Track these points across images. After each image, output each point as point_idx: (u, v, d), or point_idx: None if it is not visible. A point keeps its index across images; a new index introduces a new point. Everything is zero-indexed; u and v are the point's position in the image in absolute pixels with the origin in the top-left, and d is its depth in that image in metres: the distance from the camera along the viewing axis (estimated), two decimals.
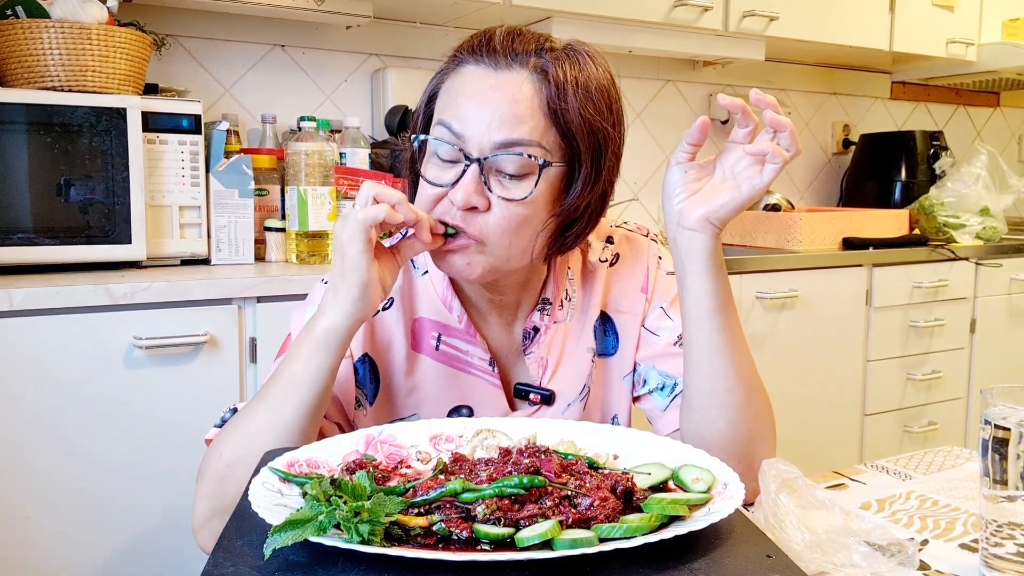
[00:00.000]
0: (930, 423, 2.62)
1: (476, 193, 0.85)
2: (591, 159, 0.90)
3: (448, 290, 0.97)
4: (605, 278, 1.03)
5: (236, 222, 1.82)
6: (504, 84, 0.86)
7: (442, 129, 0.87)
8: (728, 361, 0.87)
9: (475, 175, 0.85)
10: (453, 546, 0.61)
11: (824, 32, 2.63)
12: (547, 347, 0.99)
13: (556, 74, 0.87)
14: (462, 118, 0.86)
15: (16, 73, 1.63)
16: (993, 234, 2.71)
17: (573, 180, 0.90)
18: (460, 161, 0.86)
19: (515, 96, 0.86)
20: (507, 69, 0.87)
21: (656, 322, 1.02)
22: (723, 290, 0.86)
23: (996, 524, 0.71)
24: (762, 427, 0.90)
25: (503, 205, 0.86)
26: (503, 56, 0.88)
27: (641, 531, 0.60)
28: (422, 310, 0.98)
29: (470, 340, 0.97)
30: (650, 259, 1.05)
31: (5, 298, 1.40)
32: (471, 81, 0.88)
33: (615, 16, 2.27)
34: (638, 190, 2.84)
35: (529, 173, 0.86)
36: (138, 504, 1.52)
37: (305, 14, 2.02)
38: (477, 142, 0.85)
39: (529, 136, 0.85)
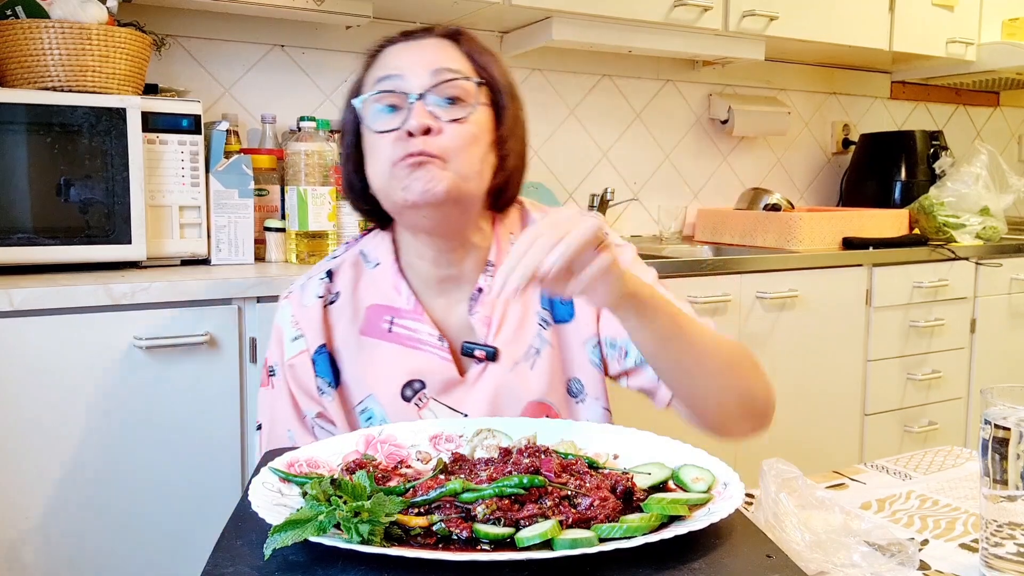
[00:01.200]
0: (930, 423, 2.62)
1: (427, 117, 0.93)
2: (510, 99, 1.02)
3: (397, 275, 1.05)
4: None
5: (236, 222, 1.82)
6: (425, 45, 1.00)
7: (381, 83, 0.97)
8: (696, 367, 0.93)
9: (420, 106, 0.94)
10: (453, 546, 0.61)
11: (824, 32, 2.63)
12: (491, 306, 1.04)
13: (464, 35, 1.02)
14: (395, 68, 0.97)
15: (16, 73, 1.63)
16: (993, 234, 2.71)
17: (501, 114, 1.02)
18: (402, 107, 0.95)
19: (438, 47, 0.99)
20: (422, 38, 1.01)
21: None
22: (663, 320, 0.88)
23: (996, 524, 0.71)
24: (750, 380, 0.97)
25: (452, 126, 0.95)
26: (414, 33, 1.02)
27: (641, 531, 0.60)
28: (374, 298, 1.05)
29: (418, 319, 1.03)
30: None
31: (5, 298, 1.40)
32: (394, 51, 1.00)
33: (615, 16, 2.27)
34: (638, 190, 2.84)
35: (466, 98, 0.97)
36: (138, 504, 1.52)
37: (305, 14, 2.02)
38: (415, 80, 0.95)
39: (458, 66, 0.98)
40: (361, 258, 1.08)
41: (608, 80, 2.75)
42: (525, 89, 2.59)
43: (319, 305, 1.04)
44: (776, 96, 3.09)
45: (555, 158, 2.67)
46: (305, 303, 1.05)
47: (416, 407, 1.00)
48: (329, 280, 1.06)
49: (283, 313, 1.06)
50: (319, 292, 1.05)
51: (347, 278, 1.06)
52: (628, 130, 2.81)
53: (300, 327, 1.04)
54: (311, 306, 1.04)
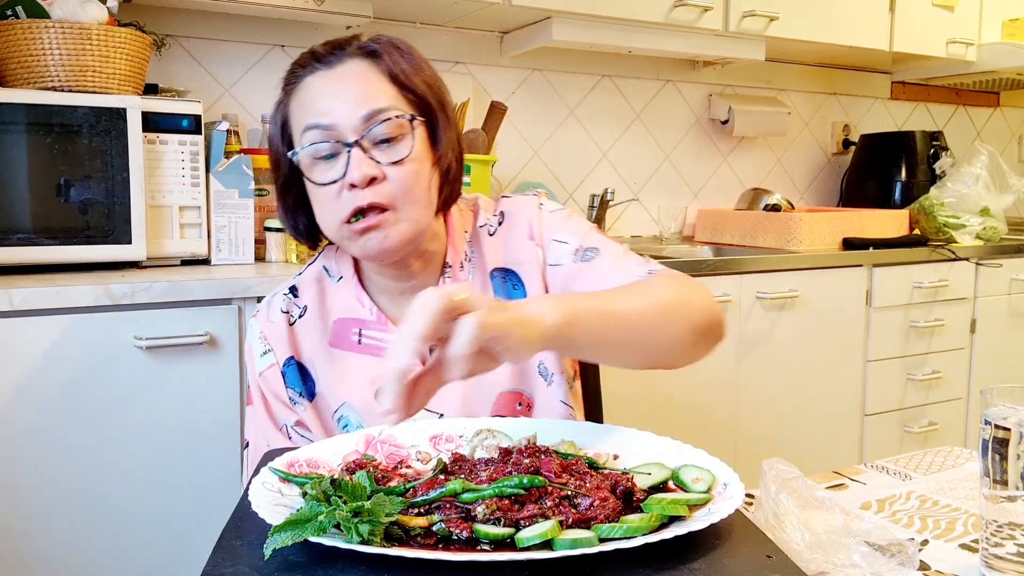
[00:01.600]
0: (930, 423, 2.62)
1: (368, 166, 0.92)
2: (440, 108, 1.00)
3: (358, 288, 1.06)
4: (494, 239, 1.08)
5: (236, 222, 1.82)
6: (344, 73, 0.95)
7: (312, 132, 0.94)
8: (635, 346, 0.88)
9: (359, 154, 0.92)
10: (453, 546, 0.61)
11: (824, 32, 2.63)
12: None
13: (380, 49, 0.97)
14: (324, 113, 0.94)
15: (16, 73, 1.63)
16: (993, 234, 2.70)
17: (436, 131, 0.99)
18: (339, 153, 0.93)
19: (359, 77, 0.95)
20: (339, 63, 0.96)
21: (554, 255, 1.06)
22: (593, 335, 0.82)
23: (996, 524, 0.71)
24: (691, 317, 0.91)
25: (394, 169, 0.93)
26: (329, 55, 0.97)
27: (641, 531, 0.60)
28: (341, 311, 1.06)
29: (383, 328, 1.04)
30: (531, 209, 1.09)
31: (5, 298, 1.40)
32: (315, 85, 0.96)
33: (615, 16, 2.27)
34: (638, 190, 2.84)
35: (402, 134, 0.95)
36: (138, 504, 1.52)
37: (305, 14, 2.02)
38: (348, 126, 0.93)
39: (387, 103, 0.94)
40: (324, 272, 1.10)
41: (608, 80, 2.75)
42: (524, 89, 2.60)
43: (284, 320, 1.06)
44: (776, 96, 3.09)
45: (555, 158, 2.67)
46: (271, 319, 1.07)
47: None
48: (293, 296, 1.08)
49: (252, 331, 1.08)
50: (283, 307, 1.07)
51: (312, 292, 1.08)
52: (628, 130, 2.81)
53: (268, 342, 1.05)
54: (277, 322, 1.06)
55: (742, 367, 2.24)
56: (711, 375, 2.20)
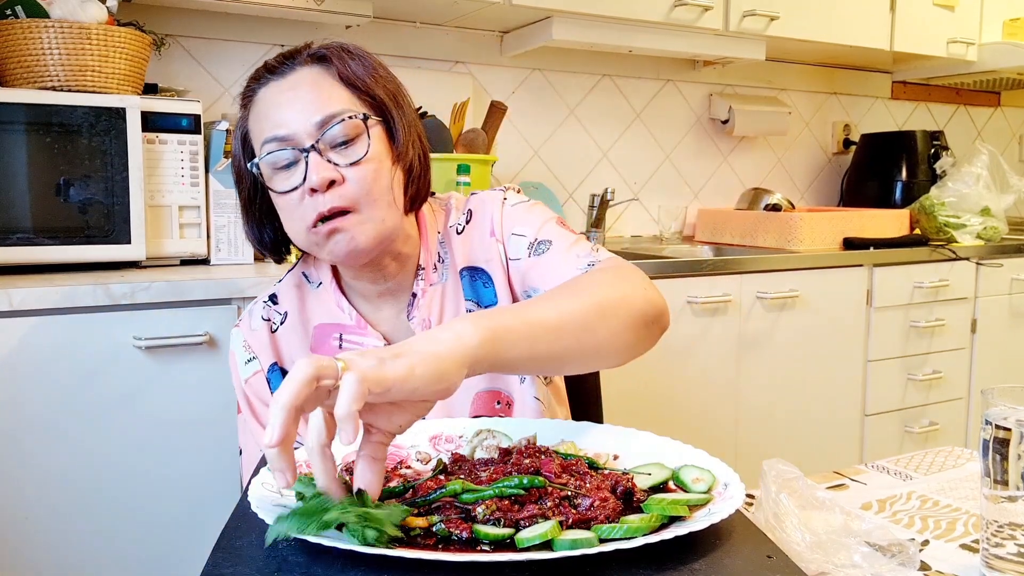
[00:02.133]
0: (931, 423, 2.62)
1: (326, 170, 0.92)
2: (396, 107, 0.99)
3: (338, 294, 1.06)
4: (461, 238, 1.08)
5: (236, 222, 1.82)
6: (296, 82, 0.96)
7: (270, 144, 0.94)
8: (571, 353, 0.82)
9: (316, 159, 0.92)
10: (453, 547, 0.60)
11: (824, 32, 2.63)
12: (427, 308, 1.04)
13: (331, 54, 0.98)
14: (280, 124, 0.94)
15: (16, 73, 1.63)
16: (994, 234, 2.70)
17: (394, 129, 0.99)
18: (298, 160, 0.93)
19: (311, 84, 0.95)
20: (290, 71, 0.97)
21: (513, 249, 1.04)
22: (521, 351, 0.76)
23: (997, 524, 0.71)
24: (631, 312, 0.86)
25: (353, 170, 0.93)
26: (281, 65, 0.97)
27: (641, 531, 0.60)
28: (321, 317, 1.06)
29: (362, 333, 1.05)
30: (494, 205, 1.07)
31: (5, 298, 1.40)
32: (269, 96, 0.96)
33: (615, 16, 2.27)
34: (638, 190, 2.84)
35: (358, 135, 0.94)
36: (138, 504, 1.52)
37: (305, 14, 2.02)
38: (303, 132, 0.93)
39: (340, 107, 0.94)
40: (304, 279, 1.10)
41: (608, 80, 2.75)
42: (525, 89, 2.60)
43: (266, 328, 1.07)
44: (777, 96, 3.08)
45: (555, 158, 2.67)
46: (253, 327, 1.07)
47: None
48: (273, 303, 1.08)
49: (235, 340, 1.08)
50: (264, 315, 1.08)
51: (292, 299, 1.08)
52: (628, 130, 2.81)
53: (252, 350, 1.06)
54: (258, 329, 1.07)
55: (742, 367, 2.24)
56: (711, 375, 2.20)
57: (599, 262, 0.98)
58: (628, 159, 2.81)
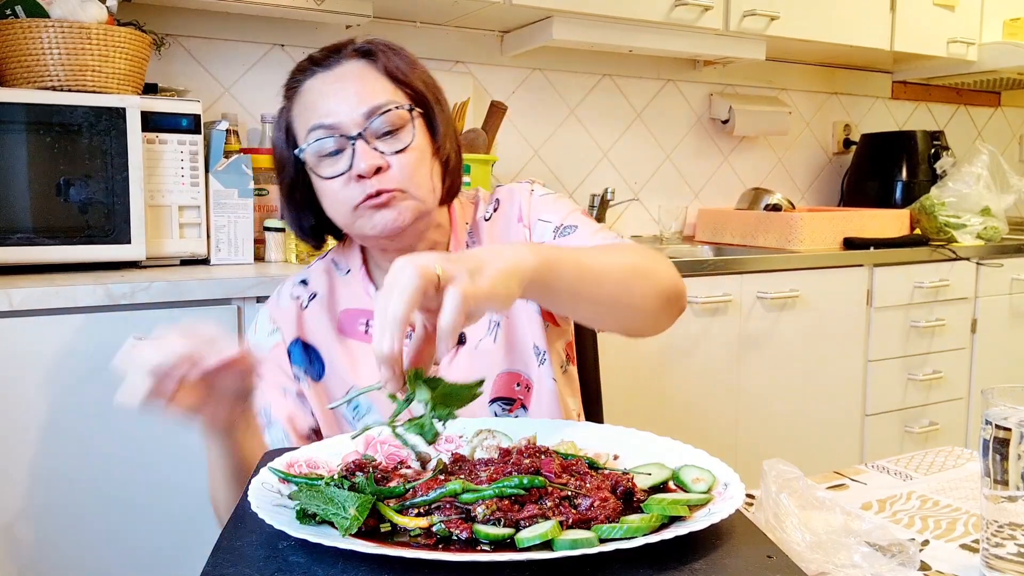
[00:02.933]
0: (931, 423, 2.62)
1: (373, 157, 0.97)
2: (436, 102, 1.05)
3: (366, 280, 1.10)
4: (489, 224, 1.14)
5: (236, 222, 1.82)
6: (343, 74, 1.01)
7: (316, 131, 0.99)
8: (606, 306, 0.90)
9: (363, 146, 0.97)
10: (453, 546, 0.61)
11: (825, 32, 2.63)
12: None
13: (375, 49, 1.02)
14: (328, 113, 0.98)
15: (15, 73, 1.63)
16: (994, 234, 2.70)
17: (434, 123, 1.05)
18: (345, 148, 0.98)
19: (357, 76, 1.00)
20: (336, 64, 1.01)
21: (538, 234, 1.10)
22: (567, 286, 0.84)
23: (997, 524, 0.71)
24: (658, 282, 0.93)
25: (397, 158, 0.99)
26: (326, 58, 1.02)
27: (641, 531, 0.60)
28: (348, 302, 1.10)
29: None
30: (522, 194, 1.14)
31: (5, 298, 1.40)
32: (316, 88, 1.01)
33: (615, 16, 2.27)
34: (638, 190, 2.84)
35: (402, 125, 1.00)
36: (138, 504, 1.52)
37: (305, 14, 2.02)
38: (350, 122, 0.98)
39: (386, 98, 0.99)
40: (333, 265, 1.14)
41: (608, 80, 2.75)
42: (525, 89, 2.60)
43: (295, 305, 1.10)
44: (777, 96, 3.08)
45: (555, 158, 2.67)
46: (281, 304, 1.11)
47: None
48: (304, 285, 1.13)
49: (262, 319, 1.12)
50: (294, 294, 1.11)
51: (321, 283, 1.12)
52: (628, 130, 2.81)
53: (276, 323, 1.10)
54: (287, 307, 1.11)
55: (742, 367, 2.24)
56: (711, 375, 2.20)
57: (627, 241, 1.04)
58: (628, 159, 2.81)
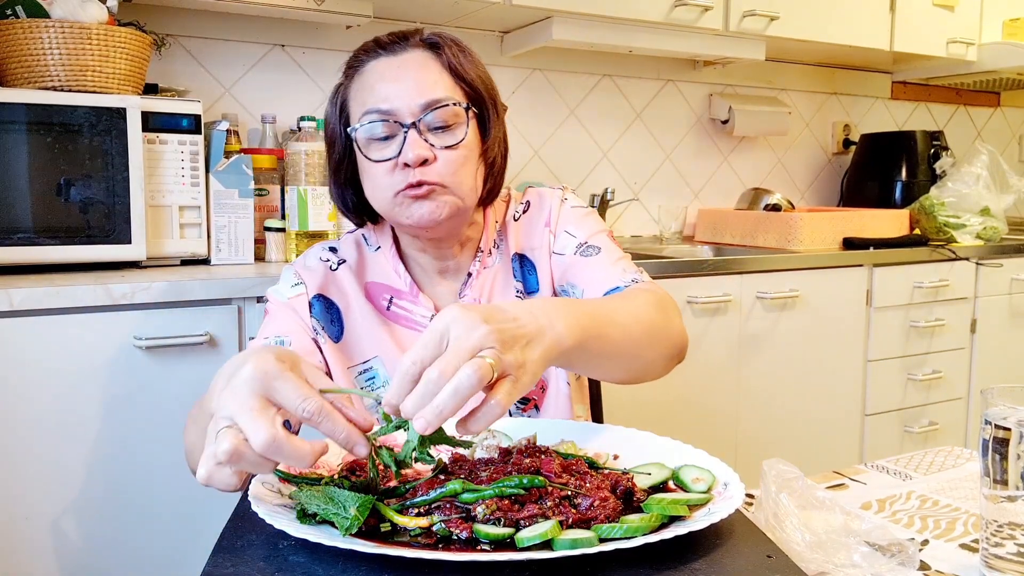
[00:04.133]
0: (931, 423, 2.62)
1: (422, 148, 0.98)
2: (492, 105, 1.06)
3: (396, 260, 1.12)
4: (518, 224, 1.17)
5: (236, 222, 1.82)
6: (407, 61, 1.02)
7: (371, 115, 1.00)
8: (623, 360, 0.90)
9: (415, 136, 0.98)
10: (453, 546, 0.61)
11: (824, 32, 2.63)
12: (479, 289, 1.12)
13: (442, 42, 1.03)
14: (385, 98, 0.99)
15: (16, 73, 1.63)
16: (994, 234, 2.70)
17: (487, 125, 1.06)
18: (396, 134, 0.99)
19: (420, 66, 1.01)
20: (402, 51, 1.02)
21: (561, 244, 1.12)
22: (594, 352, 0.83)
23: (996, 524, 0.71)
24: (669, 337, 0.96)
25: (445, 152, 1.00)
26: (393, 44, 1.03)
27: (641, 531, 0.60)
28: (374, 276, 1.13)
29: (414, 300, 1.11)
30: (554, 200, 1.16)
31: (5, 298, 1.40)
32: (378, 70, 1.02)
33: (615, 16, 2.27)
34: (638, 190, 2.84)
35: (456, 122, 1.01)
36: (138, 504, 1.52)
37: (305, 14, 2.02)
38: (407, 110, 0.99)
39: (445, 93, 1.01)
40: (363, 240, 1.16)
41: (608, 80, 2.75)
42: (525, 89, 2.60)
43: (323, 266, 1.12)
44: (777, 96, 3.08)
45: (555, 158, 2.67)
46: (308, 264, 1.12)
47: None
48: (333, 252, 1.14)
49: (286, 275, 1.12)
50: (323, 257, 1.13)
51: (351, 253, 1.14)
52: (628, 130, 2.81)
53: (301, 277, 1.10)
54: (313, 266, 1.12)
55: (742, 367, 2.24)
56: (711, 375, 2.20)
57: (642, 283, 1.05)
58: (628, 159, 2.81)
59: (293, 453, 0.62)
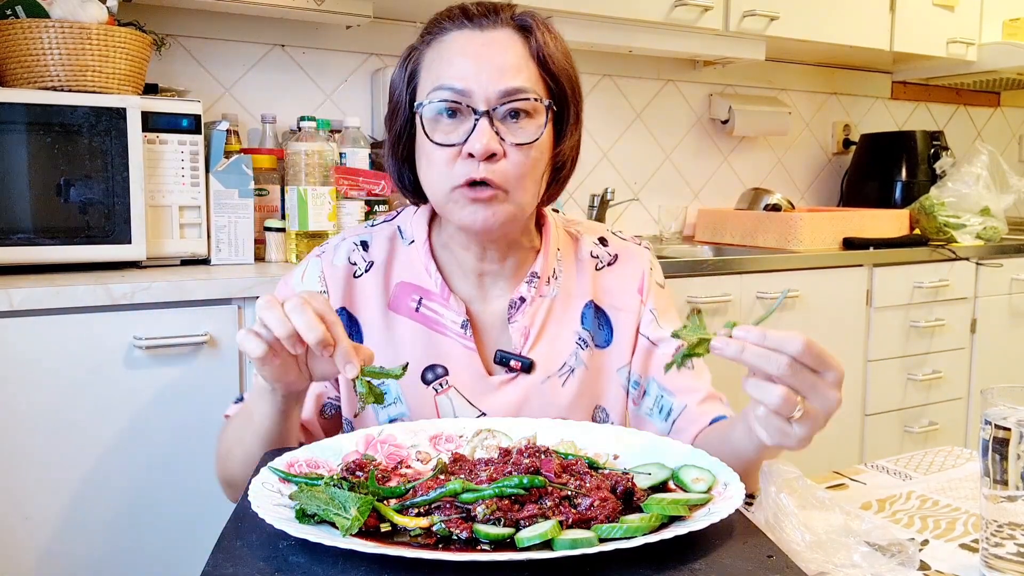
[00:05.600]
0: (930, 423, 2.62)
1: (492, 140, 0.89)
2: (574, 103, 0.98)
3: (427, 257, 1.03)
4: (600, 274, 1.08)
5: (236, 222, 1.82)
6: (493, 40, 0.93)
7: (443, 91, 0.91)
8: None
9: (486, 125, 0.90)
10: (453, 546, 0.61)
11: (824, 32, 2.63)
12: (531, 318, 1.02)
13: (534, 26, 0.95)
14: (461, 76, 0.90)
15: (16, 73, 1.63)
16: (994, 234, 2.70)
17: (563, 124, 0.97)
18: (467, 118, 0.91)
19: (506, 48, 0.92)
20: (491, 28, 0.93)
21: (650, 329, 1.06)
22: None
23: (996, 524, 0.71)
24: None
25: (516, 150, 0.91)
26: (482, 15, 0.94)
27: (641, 531, 0.60)
28: (405, 275, 1.04)
29: (444, 304, 1.02)
30: (644, 264, 1.10)
31: (5, 298, 1.40)
32: (459, 43, 0.93)
33: (615, 16, 2.27)
34: (638, 190, 2.84)
35: (534, 118, 0.93)
36: (138, 504, 1.52)
37: (305, 14, 2.02)
38: (482, 95, 0.90)
39: (527, 83, 0.92)
40: (398, 233, 1.07)
41: (608, 80, 2.75)
42: None
43: (347, 271, 1.03)
44: (777, 96, 3.08)
45: None
46: (335, 263, 1.04)
47: (435, 392, 1.00)
48: (364, 249, 1.05)
49: (312, 270, 1.04)
50: (351, 258, 1.04)
51: (382, 250, 1.05)
52: (628, 130, 2.81)
53: (326, 283, 1.03)
54: (339, 267, 1.03)
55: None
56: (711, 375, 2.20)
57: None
58: (628, 159, 2.81)
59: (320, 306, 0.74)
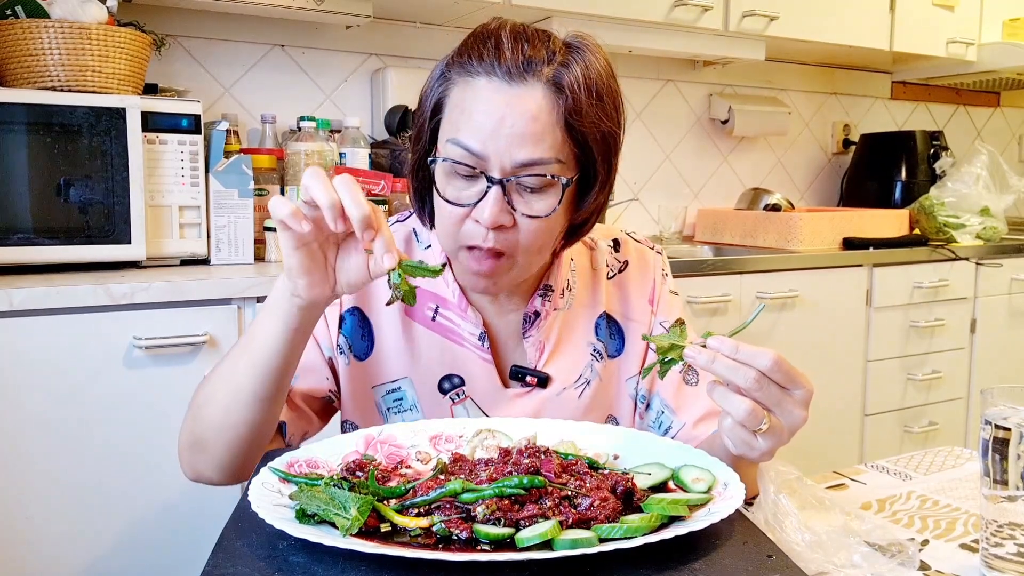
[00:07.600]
0: (930, 423, 2.62)
1: (502, 211, 0.85)
2: (603, 163, 0.92)
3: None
4: (612, 283, 1.06)
5: (236, 222, 1.82)
6: (520, 99, 0.85)
7: (458, 149, 0.86)
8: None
9: (498, 195, 0.85)
10: (453, 546, 0.61)
11: (824, 32, 2.63)
12: (546, 332, 1.01)
13: (570, 82, 0.86)
14: (480, 137, 0.84)
15: (16, 73, 1.63)
16: (993, 234, 2.70)
17: (588, 187, 0.93)
18: (480, 180, 0.86)
19: (532, 112, 0.84)
20: (521, 83, 0.85)
21: (656, 329, 1.05)
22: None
23: (996, 524, 0.71)
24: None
25: (527, 222, 0.87)
26: (515, 68, 0.86)
27: (641, 531, 0.60)
28: (421, 282, 0.99)
29: (462, 314, 1.00)
30: (656, 273, 1.09)
31: (5, 298, 1.40)
32: (484, 96, 0.86)
33: (615, 16, 2.27)
34: (638, 190, 2.84)
35: (551, 190, 0.87)
36: (138, 504, 1.52)
37: (305, 14, 2.02)
38: (498, 162, 0.84)
39: (548, 154, 0.85)
40: (413, 235, 1.04)
41: None
42: None
43: None
44: (776, 96, 3.08)
45: None
46: None
47: (451, 401, 1.00)
48: None
49: None
50: None
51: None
52: (628, 130, 2.79)
53: None
54: None
55: None
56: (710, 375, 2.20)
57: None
58: (628, 159, 2.80)
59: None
